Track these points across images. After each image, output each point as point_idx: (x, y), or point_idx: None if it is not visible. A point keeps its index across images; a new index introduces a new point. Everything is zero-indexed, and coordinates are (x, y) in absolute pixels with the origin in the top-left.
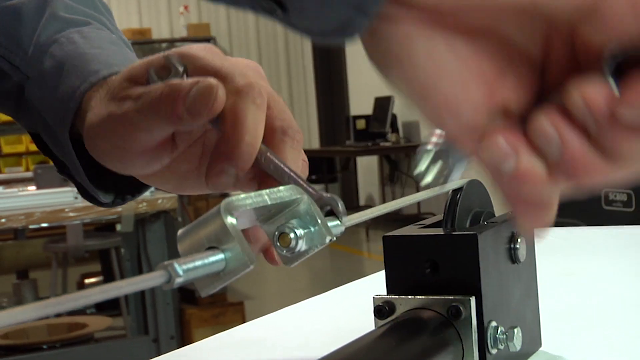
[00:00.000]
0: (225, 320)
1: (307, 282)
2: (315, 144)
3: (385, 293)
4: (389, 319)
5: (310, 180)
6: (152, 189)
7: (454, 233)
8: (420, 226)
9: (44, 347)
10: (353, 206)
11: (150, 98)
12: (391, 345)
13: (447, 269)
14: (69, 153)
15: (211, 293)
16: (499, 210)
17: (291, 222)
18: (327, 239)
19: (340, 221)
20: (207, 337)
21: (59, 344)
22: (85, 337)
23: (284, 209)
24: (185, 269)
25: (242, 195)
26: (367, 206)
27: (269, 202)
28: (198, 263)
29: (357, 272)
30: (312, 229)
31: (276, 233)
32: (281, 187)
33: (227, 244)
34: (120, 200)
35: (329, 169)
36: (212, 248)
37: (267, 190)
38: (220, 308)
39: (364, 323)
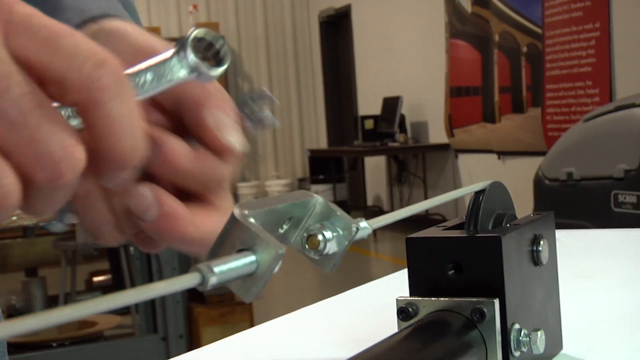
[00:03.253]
0: (234, 320)
1: (314, 282)
2: (323, 144)
3: (408, 295)
4: (412, 320)
5: (318, 180)
6: None
7: (477, 235)
8: (442, 228)
9: (54, 344)
10: (360, 206)
11: None
12: (415, 347)
13: (471, 271)
14: None
15: (255, 296)
16: (521, 212)
17: (316, 225)
18: (354, 228)
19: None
20: (215, 335)
21: (69, 341)
22: (94, 335)
23: (303, 214)
24: (218, 270)
25: (253, 201)
26: (375, 206)
27: (280, 205)
28: (231, 264)
29: (364, 272)
30: (339, 230)
31: (305, 235)
32: (292, 192)
33: (252, 242)
34: None
35: (337, 169)
36: (240, 251)
37: (277, 195)
38: (228, 307)
39: (384, 325)
